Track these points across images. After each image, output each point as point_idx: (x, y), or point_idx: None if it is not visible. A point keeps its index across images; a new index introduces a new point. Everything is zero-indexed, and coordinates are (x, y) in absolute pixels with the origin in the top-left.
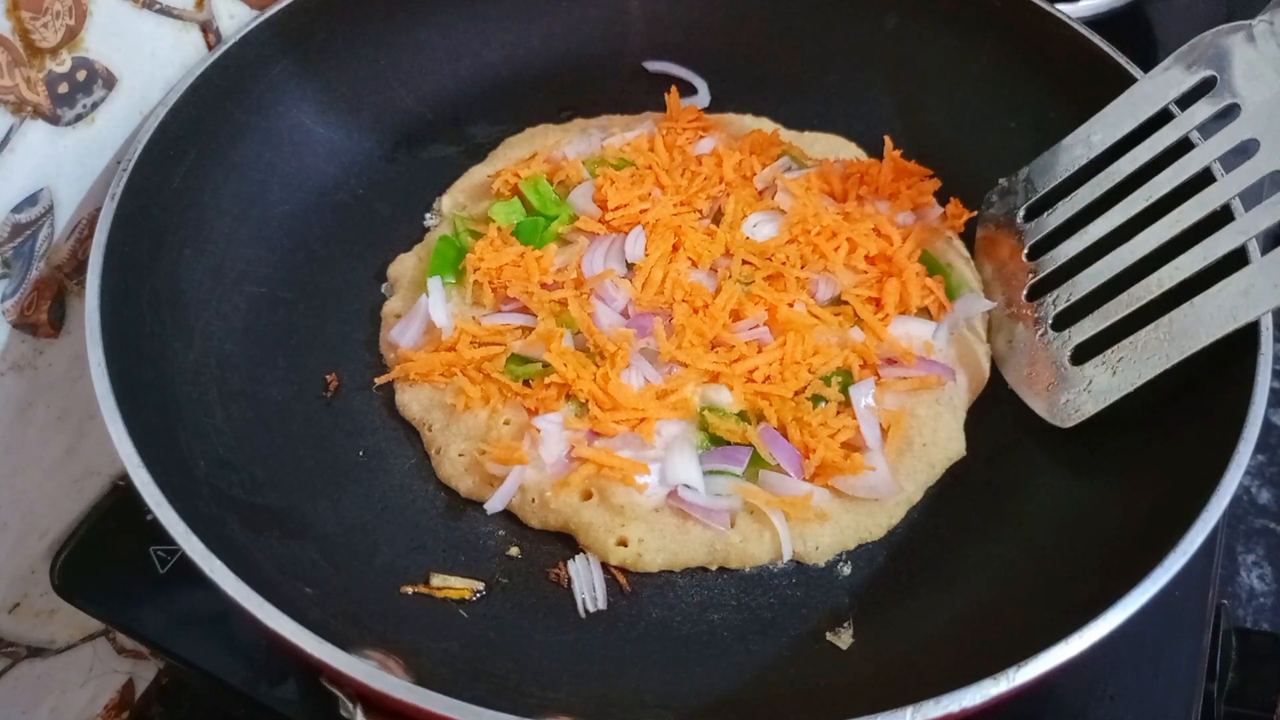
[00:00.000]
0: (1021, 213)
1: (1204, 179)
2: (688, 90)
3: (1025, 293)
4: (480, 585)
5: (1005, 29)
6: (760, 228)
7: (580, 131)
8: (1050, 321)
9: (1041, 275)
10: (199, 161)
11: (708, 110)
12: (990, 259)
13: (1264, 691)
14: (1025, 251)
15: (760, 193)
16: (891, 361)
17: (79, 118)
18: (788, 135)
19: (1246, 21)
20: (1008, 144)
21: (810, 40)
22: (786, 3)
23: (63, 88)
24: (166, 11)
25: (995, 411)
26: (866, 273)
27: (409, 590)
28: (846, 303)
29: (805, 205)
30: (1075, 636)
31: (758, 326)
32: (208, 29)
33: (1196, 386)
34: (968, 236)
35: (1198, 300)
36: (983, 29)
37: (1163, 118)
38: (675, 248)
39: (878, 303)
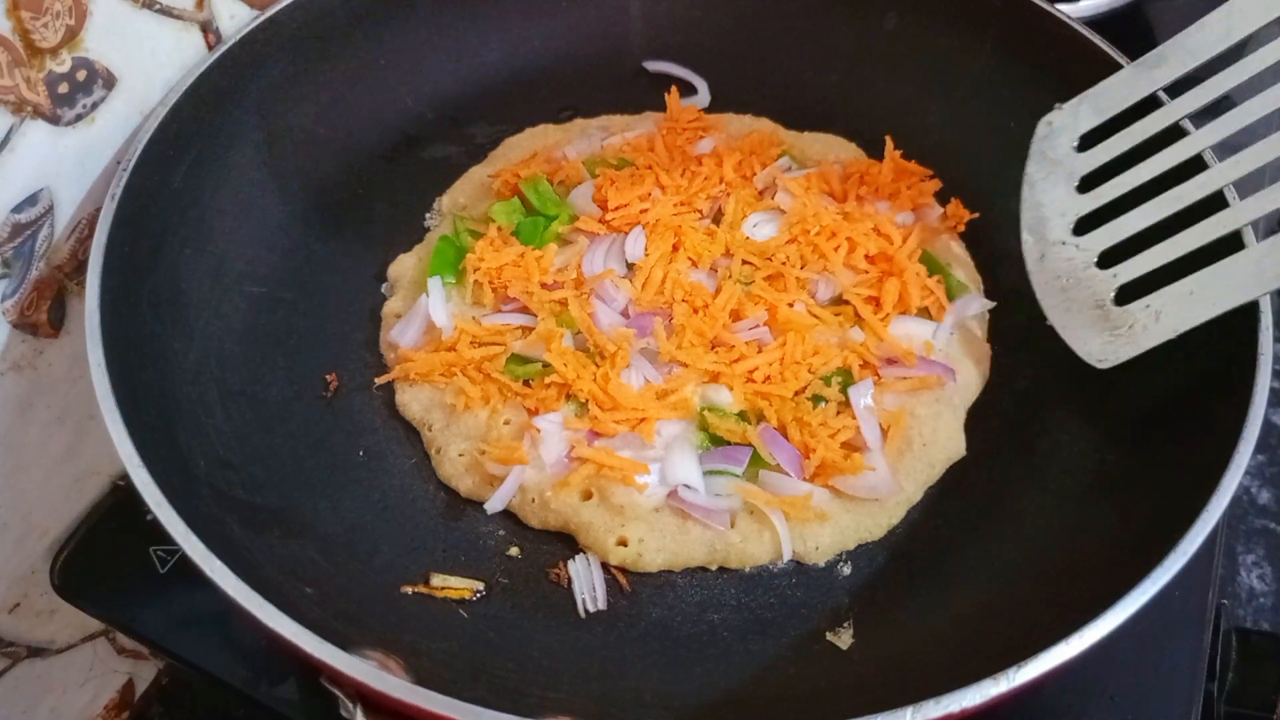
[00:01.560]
0: (1075, 141)
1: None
2: (688, 90)
3: (1072, 226)
4: (480, 585)
5: (1005, 29)
6: (760, 228)
7: (580, 131)
8: (1095, 259)
9: (1091, 209)
10: (199, 161)
11: (708, 110)
12: (1039, 190)
13: (1264, 691)
14: (1076, 184)
15: (760, 193)
16: (891, 361)
17: (79, 118)
18: (787, 135)
19: None
20: (1008, 144)
21: (810, 40)
22: (787, 3)
23: (63, 88)
24: (166, 11)
25: (995, 411)
26: (867, 272)
27: (409, 590)
28: (847, 303)
29: (805, 205)
30: (1075, 637)
31: (758, 326)
32: (208, 29)
33: (1197, 387)
34: (968, 237)
35: (1248, 251)
36: (982, 29)
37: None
38: (675, 248)
39: (877, 302)
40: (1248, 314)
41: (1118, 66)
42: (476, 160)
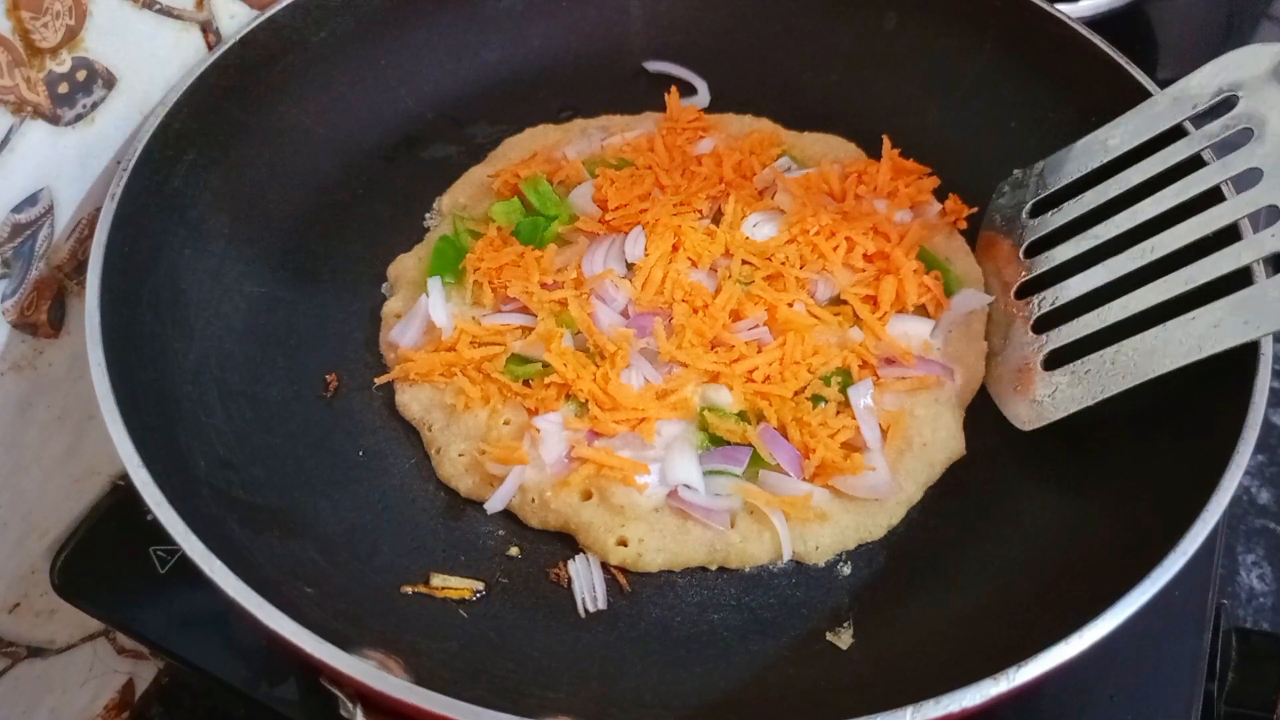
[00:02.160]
0: (1028, 208)
1: (1209, 199)
2: (688, 90)
3: (1015, 290)
4: (480, 585)
5: (1004, 29)
6: (760, 228)
7: (580, 131)
8: (1032, 323)
9: (1033, 275)
10: (199, 161)
11: (708, 110)
12: (990, 254)
13: (1264, 691)
14: (1023, 249)
15: (760, 193)
16: (890, 361)
17: (79, 118)
18: (787, 136)
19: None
20: (1008, 144)
21: (810, 40)
22: (787, 3)
23: (63, 88)
24: (166, 11)
25: (995, 410)
26: (864, 271)
27: (409, 590)
28: (846, 302)
29: (804, 205)
30: (1075, 637)
31: (757, 326)
32: (208, 29)
33: (1197, 388)
34: (970, 233)
35: (1170, 325)
36: (982, 29)
37: (1181, 131)
38: (675, 248)
39: (875, 301)
40: None
41: (1117, 66)
42: (476, 160)
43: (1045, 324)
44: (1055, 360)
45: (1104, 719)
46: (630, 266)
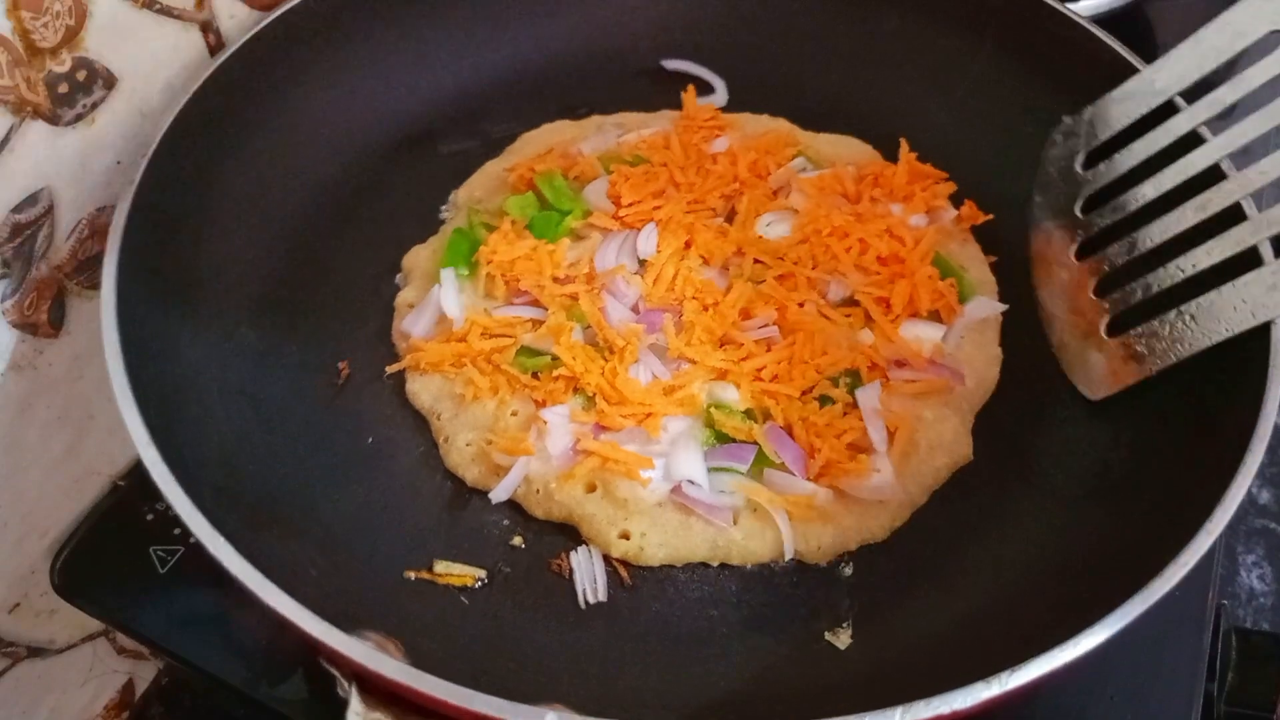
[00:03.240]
0: (1081, 159)
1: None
2: (706, 89)
3: (1074, 250)
4: (483, 573)
5: (1005, 26)
6: (773, 227)
7: (597, 128)
8: (1094, 286)
9: (1092, 233)
10: (216, 153)
11: (725, 109)
12: (1048, 209)
13: (1264, 691)
14: (1080, 204)
15: (774, 192)
16: (900, 364)
17: (79, 118)
18: (804, 135)
19: None
20: (1011, 141)
21: (832, 41)
22: (808, 2)
23: (63, 88)
24: (166, 11)
25: (1002, 416)
26: (878, 273)
27: (412, 576)
28: (857, 304)
29: (818, 205)
30: (1070, 643)
31: (767, 325)
32: (208, 29)
33: (1204, 397)
34: (982, 237)
35: (1228, 287)
36: (982, 27)
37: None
38: (687, 245)
39: (887, 304)
40: (1260, 326)
41: (1124, 63)
42: (493, 154)
43: (1108, 287)
44: (1119, 326)
45: (1104, 719)
46: (642, 263)
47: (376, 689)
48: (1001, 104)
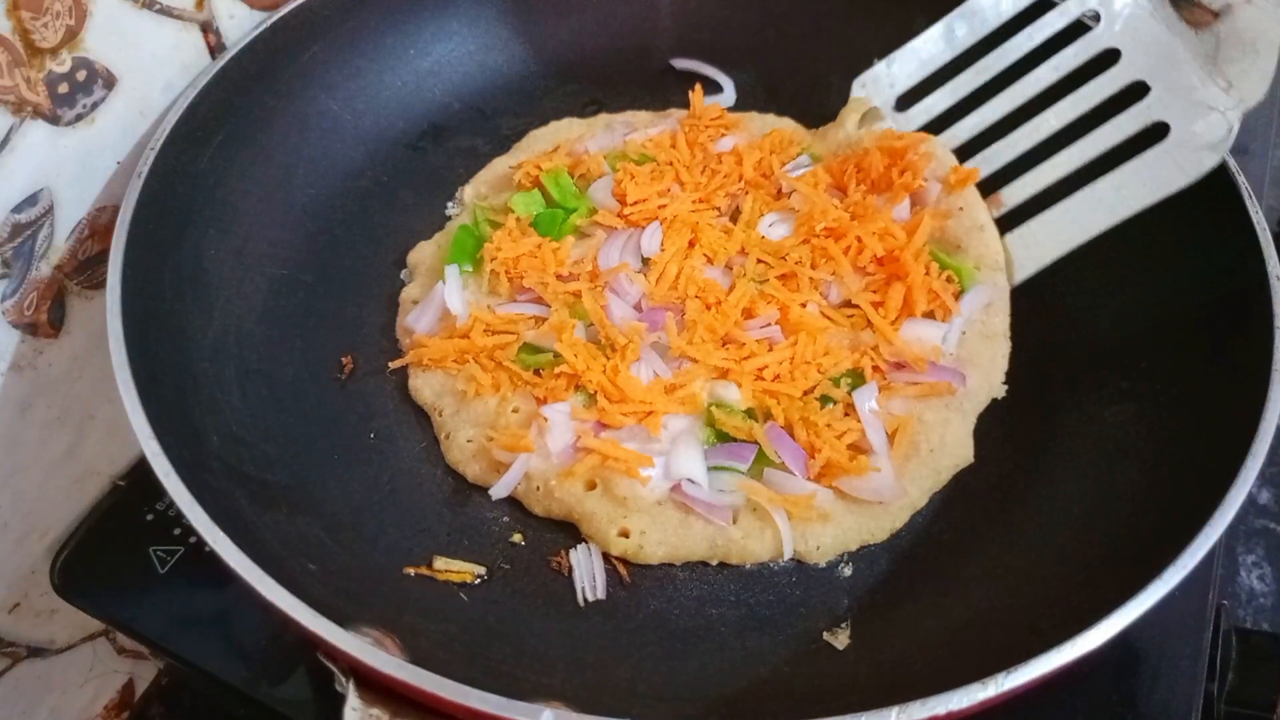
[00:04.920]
0: (892, 104)
1: (1072, 82)
2: (714, 89)
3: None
4: (482, 570)
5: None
6: (776, 227)
7: (604, 126)
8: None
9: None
10: (226, 144)
11: (733, 109)
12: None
13: (1264, 691)
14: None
15: (778, 192)
16: (900, 366)
17: (79, 118)
18: (808, 135)
19: None
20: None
21: (839, 41)
22: (816, 3)
23: (63, 88)
24: (166, 11)
25: (1005, 419)
26: (874, 275)
27: (411, 572)
28: (858, 304)
29: (813, 203)
30: (1068, 645)
31: (769, 325)
32: (208, 29)
33: (1206, 398)
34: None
35: (1084, 191)
36: (1007, 32)
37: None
38: (691, 244)
39: (882, 307)
40: (1262, 326)
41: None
42: (501, 151)
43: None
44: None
45: (1104, 719)
46: (645, 261)
47: (374, 684)
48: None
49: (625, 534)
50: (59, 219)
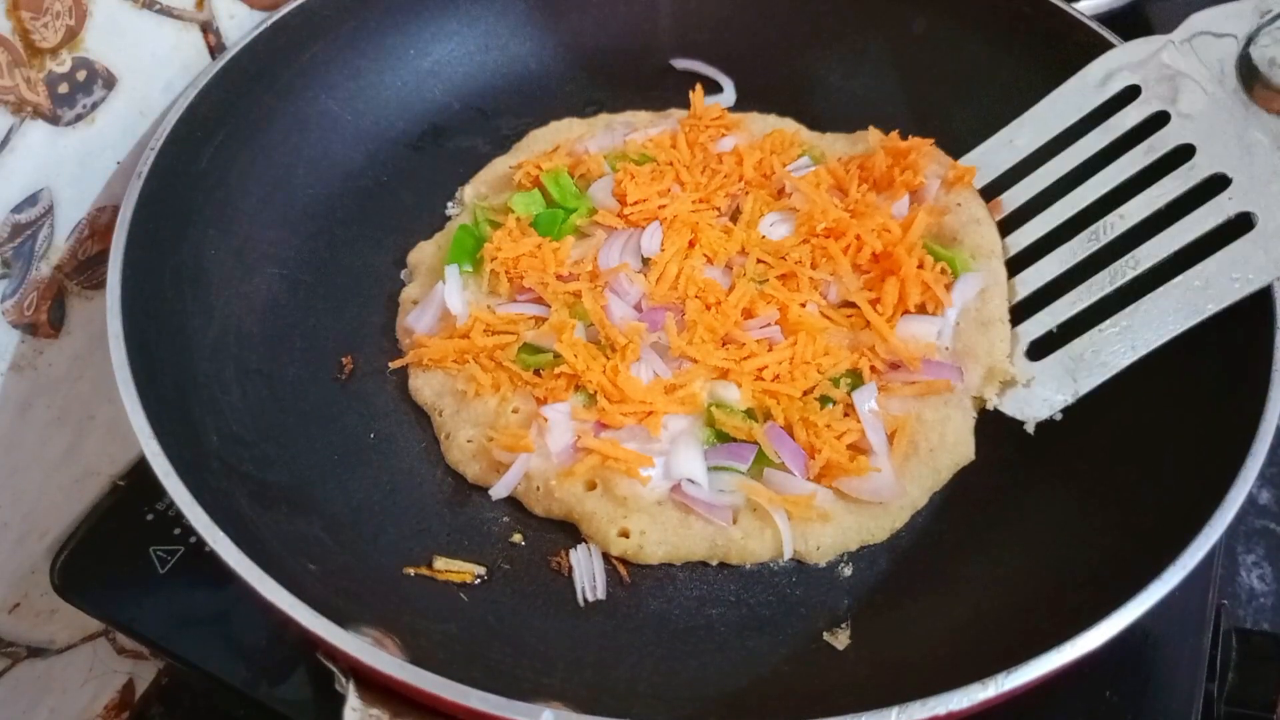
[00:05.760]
0: None
1: (1144, 178)
2: (714, 89)
3: None
4: (482, 570)
5: (1032, 35)
6: (776, 227)
7: (604, 126)
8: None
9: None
10: (227, 143)
11: (733, 109)
12: None
13: (1264, 691)
14: None
15: (779, 192)
16: (895, 366)
17: (79, 118)
18: (810, 136)
19: (1165, 36)
20: (1035, 151)
21: (838, 42)
22: (816, 4)
23: (63, 88)
24: (166, 11)
25: (1008, 419)
26: (870, 272)
27: (411, 572)
28: (857, 304)
29: (814, 203)
30: (1068, 645)
31: (769, 325)
32: (208, 29)
33: (1206, 399)
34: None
35: (1156, 294)
36: (1010, 35)
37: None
38: (691, 244)
39: (879, 304)
40: (1262, 326)
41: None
42: (501, 151)
43: (1018, 316)
44: (1039, 352)
45: (1104, 719)
46: (645, 261)
47: (374, 684)
48: (1023, 110)
49: (625, 534)
50: (59, 219)
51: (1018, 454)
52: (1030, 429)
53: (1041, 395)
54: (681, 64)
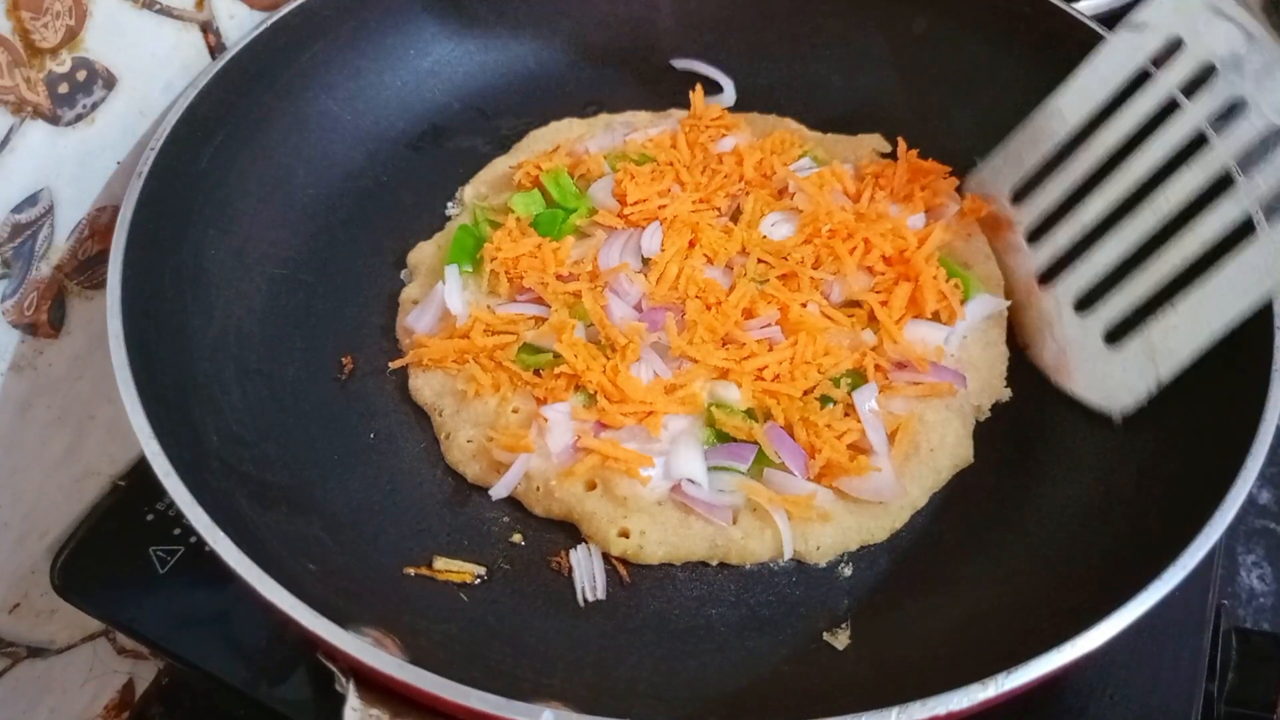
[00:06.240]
0: (1008, 195)
1: (1195, 142)
2: (714, 89)
3: (1037, 279)
4: (482, 570)
5: (1033, 35)
6: (778, 227)
7: (604, 126)
8: (1072, 305)
9: (1048, 260)
10: (226, 144)
11: (733, 110)
12: (997, 245)
13: (1264, 691)
14: (1025, 236)
15: (780, 192)
16: (902, 366)
17: (79, 118)
18: (811, 136)
19: None
20: None
21: (839, 42)
22: (816, 4)
23: (63, 88)
24: (166, 11)
25: (1007, 420)
26: (883, 274)
27: (411, 572)
28: (859, 304)
29: (819, 204)
30: (1067, 645)
31: (769, 325)
32: (208, 29)
33: (1206, 398)
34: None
35: (1222, 268)
36: (1010, 35)
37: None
38: (691, 244)
39: (889, 305)
40: (1262, 325)
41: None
42: (501, 151)
43: (1087, 302)
44: (1114, 335)
45: (1104, 718)
46: (646, 261)
47: (374, 684)
48: (1029, 111)
49: (625, 534)
50: (59, 219)
51: (1017, 454)
52: (1117, 419)
53: (1125, 383)
54: (681, 64)
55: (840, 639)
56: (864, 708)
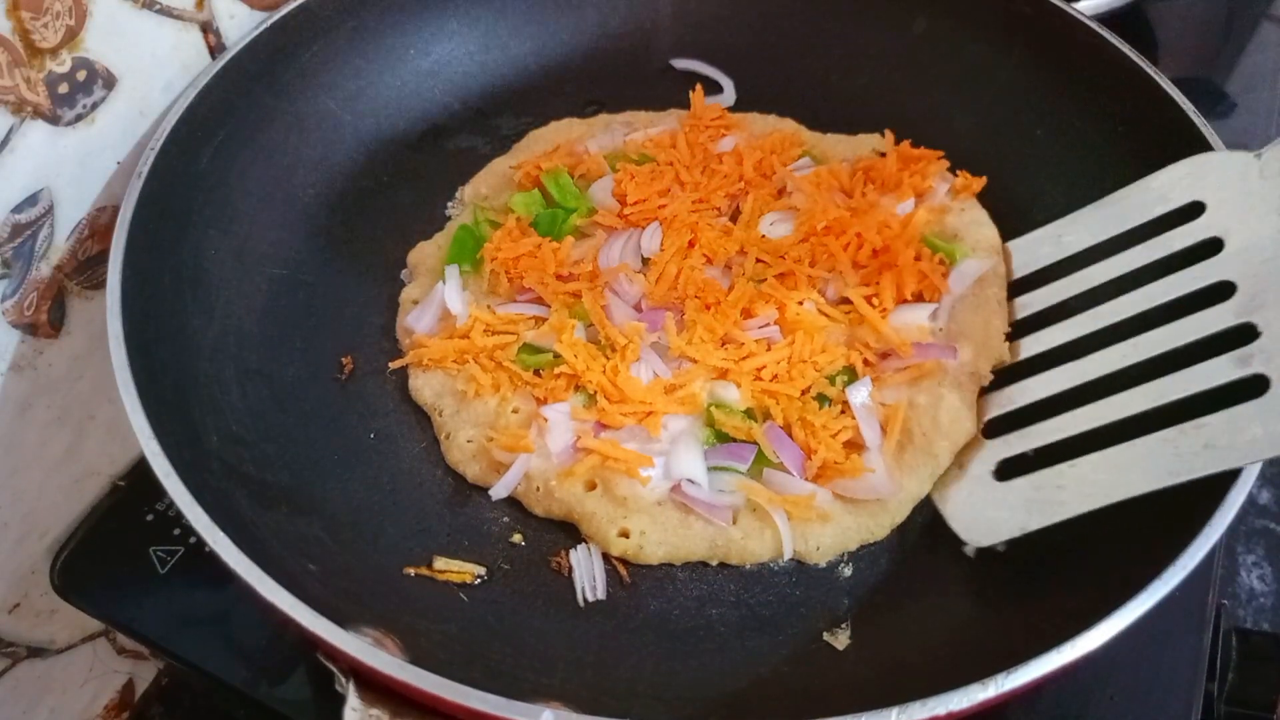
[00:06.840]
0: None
1: (1171, 310)
2: (714, 89)
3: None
4: (482, 570)
5: (1033, 36)
6: (776, 226)
7: (604, 126)
8: (984, 426)
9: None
10: (226, 144)
11: (733, 109)
12: None
13: (1264, 691)
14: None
15: (779, 192)
16: (886, 355)
17: (79, 118)
18: (810, 136)
19: (1250, 152)
20: (1035, 151)
21: (838, 42)
22: (816, 4)
23: (63, 88)
24: (166, 11)
25: (1006, 410)
26: (868, 267)
27: (411, 572)
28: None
29: (815, 202)
30: (1067, 645)
31: (768, 325)
32: (208, 29)
33: (1206, 398)
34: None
35: (1140, 442)
36: (1010, 35)
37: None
38: (691, 244)
39: (878, 298)
40: None
41: (1148, 78)
42: (501, 151)
43: (998, 428)
44: (1008, 471)
45: (1104, 719)
46: (645, 261)
47: (374, 684)
48: (1029, 112)
49: (625, 534)
50: (59, 219)
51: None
52: (970, 553)
53: (992, 520)
54: (681, 64)
55: (840, 639)
56: (864, 708)
